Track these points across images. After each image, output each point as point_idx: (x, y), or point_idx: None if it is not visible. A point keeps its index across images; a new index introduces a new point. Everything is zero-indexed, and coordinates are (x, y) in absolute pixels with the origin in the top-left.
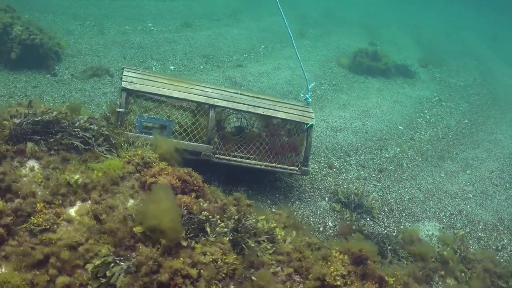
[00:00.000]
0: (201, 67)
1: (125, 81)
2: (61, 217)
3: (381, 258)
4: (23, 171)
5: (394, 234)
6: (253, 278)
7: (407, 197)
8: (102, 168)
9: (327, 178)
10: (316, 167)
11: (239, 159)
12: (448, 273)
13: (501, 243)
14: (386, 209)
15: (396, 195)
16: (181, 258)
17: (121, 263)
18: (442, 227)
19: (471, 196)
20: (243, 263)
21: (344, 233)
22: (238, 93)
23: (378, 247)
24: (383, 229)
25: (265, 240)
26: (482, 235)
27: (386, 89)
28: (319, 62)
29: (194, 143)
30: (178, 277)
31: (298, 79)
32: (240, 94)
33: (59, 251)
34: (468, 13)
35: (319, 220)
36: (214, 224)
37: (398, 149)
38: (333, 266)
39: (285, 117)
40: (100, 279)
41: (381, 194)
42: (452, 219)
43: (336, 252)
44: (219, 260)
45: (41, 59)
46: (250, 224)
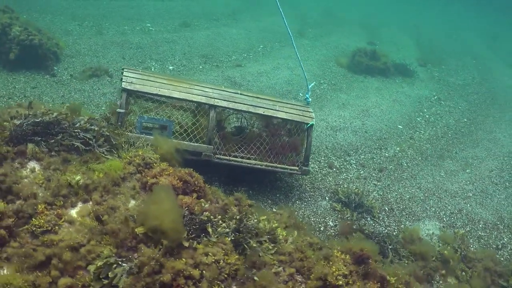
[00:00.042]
0: (200, 67)
1: (125, 82)
2: (63, 219)
3: (382, 258)
4: (24, 173)
5: (395, 234)
6: (255, 279)
7: (407, 196)
8: (103, 169)
9: (327, 178)
10: (316, 167)
11: (240, 159)
12: (449, 272)
13: (501, 242)
14: (387, 209)
15: (396, 195)
16: (183, 259)
17: (123, 264)
18: (443, 226)
19: (471, 195)
20: (245, 264)
21: (345, 233)
22: (238, 93)
23: (379, 247)
24: (384, 229)
25: (267, 240)
26: (482, 234)
27: (385, 88)
28: (318, 62)
29: (195, 144)
30: (181, 278)
31: (297, 79)
32: (240, 94)
33: (61, 253)
34: (468, 13)
35: (320, 220)
36: (216, 225)
37: (398, 149)
38: (335, 266)
39: (286, 117)
40: (103, 280)
41: (381, 194)
42: (452, 218)
43: (338, 252)
44: (221, 261)
45: (40, 60)
46: (252, 224)
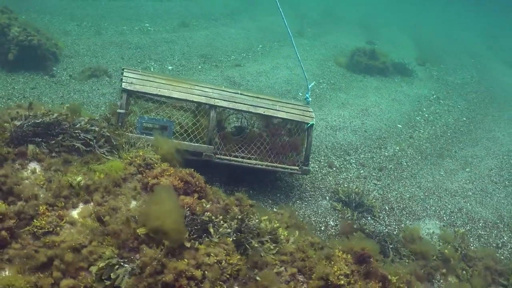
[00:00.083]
0: (199, 67)
1: (125, 82)
2: (64, 220)
3: (383, 257)
4: (25, 174)
5: (395, 233)
6: (257, 279)
7: (408, 196)
8: (104, 170)
9: (328, 177)
10: (317, 167)
11: (240, 159)
12: (450, 271)
13: (501, 241)
14: (387, 208)
15: (397, 194)
16: (185, 260)
17: (125, 265)
18: (443, 225)
19: (471, 194)
20: (247, 264)
21: (346, 232)
22: (238, 93)
23: (380, 246)
24: (384, 228)
25: (268, 240)
26: (482, 233)
27: (384, 88)
28: (317, 61)
29: (195, 144)
30: (183, 279)
31: (297, 78)
32: (241, 94)
33: (63, 254)
34: (468, 13)
35: (321, 220)
36: (217, 225)
37: (398, 148)
38: (337, 266)
39: (286, 117)
40: (105, 281)
41: (382, 193)
42: (453, 217)
43: (339, 252)
44: (223, 261)
45: (39, 60)
46: (253, 225)
